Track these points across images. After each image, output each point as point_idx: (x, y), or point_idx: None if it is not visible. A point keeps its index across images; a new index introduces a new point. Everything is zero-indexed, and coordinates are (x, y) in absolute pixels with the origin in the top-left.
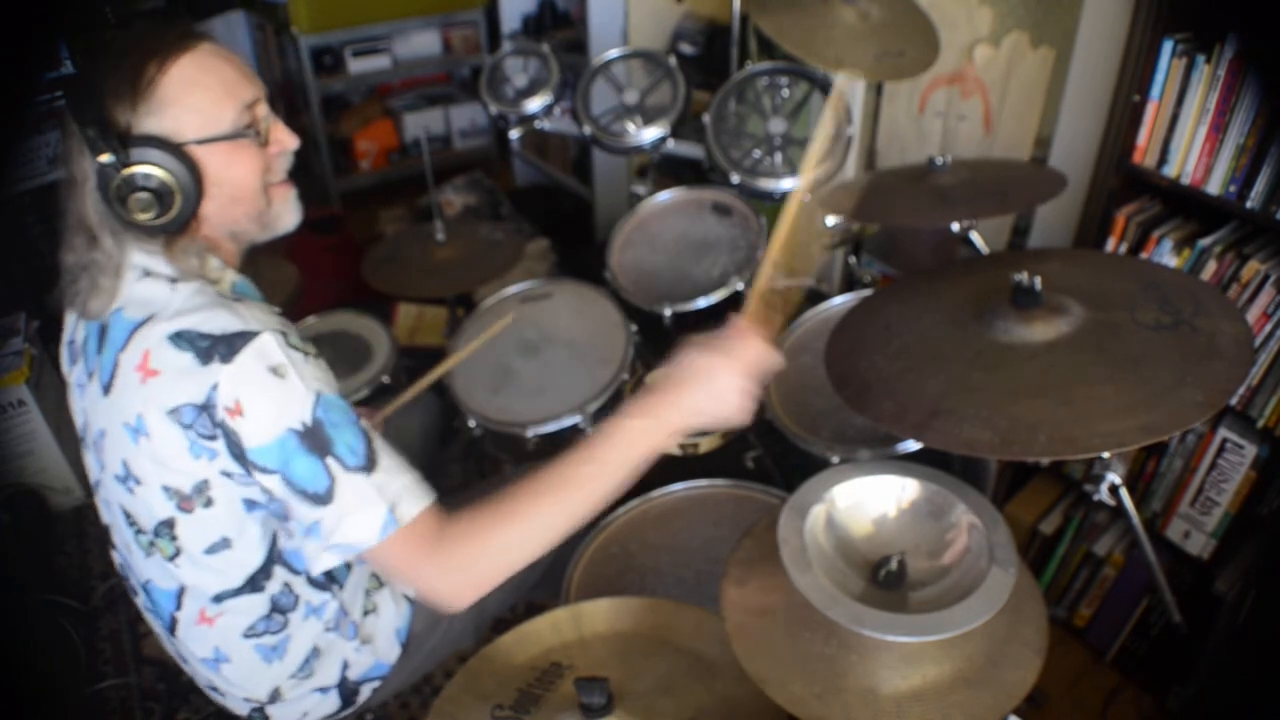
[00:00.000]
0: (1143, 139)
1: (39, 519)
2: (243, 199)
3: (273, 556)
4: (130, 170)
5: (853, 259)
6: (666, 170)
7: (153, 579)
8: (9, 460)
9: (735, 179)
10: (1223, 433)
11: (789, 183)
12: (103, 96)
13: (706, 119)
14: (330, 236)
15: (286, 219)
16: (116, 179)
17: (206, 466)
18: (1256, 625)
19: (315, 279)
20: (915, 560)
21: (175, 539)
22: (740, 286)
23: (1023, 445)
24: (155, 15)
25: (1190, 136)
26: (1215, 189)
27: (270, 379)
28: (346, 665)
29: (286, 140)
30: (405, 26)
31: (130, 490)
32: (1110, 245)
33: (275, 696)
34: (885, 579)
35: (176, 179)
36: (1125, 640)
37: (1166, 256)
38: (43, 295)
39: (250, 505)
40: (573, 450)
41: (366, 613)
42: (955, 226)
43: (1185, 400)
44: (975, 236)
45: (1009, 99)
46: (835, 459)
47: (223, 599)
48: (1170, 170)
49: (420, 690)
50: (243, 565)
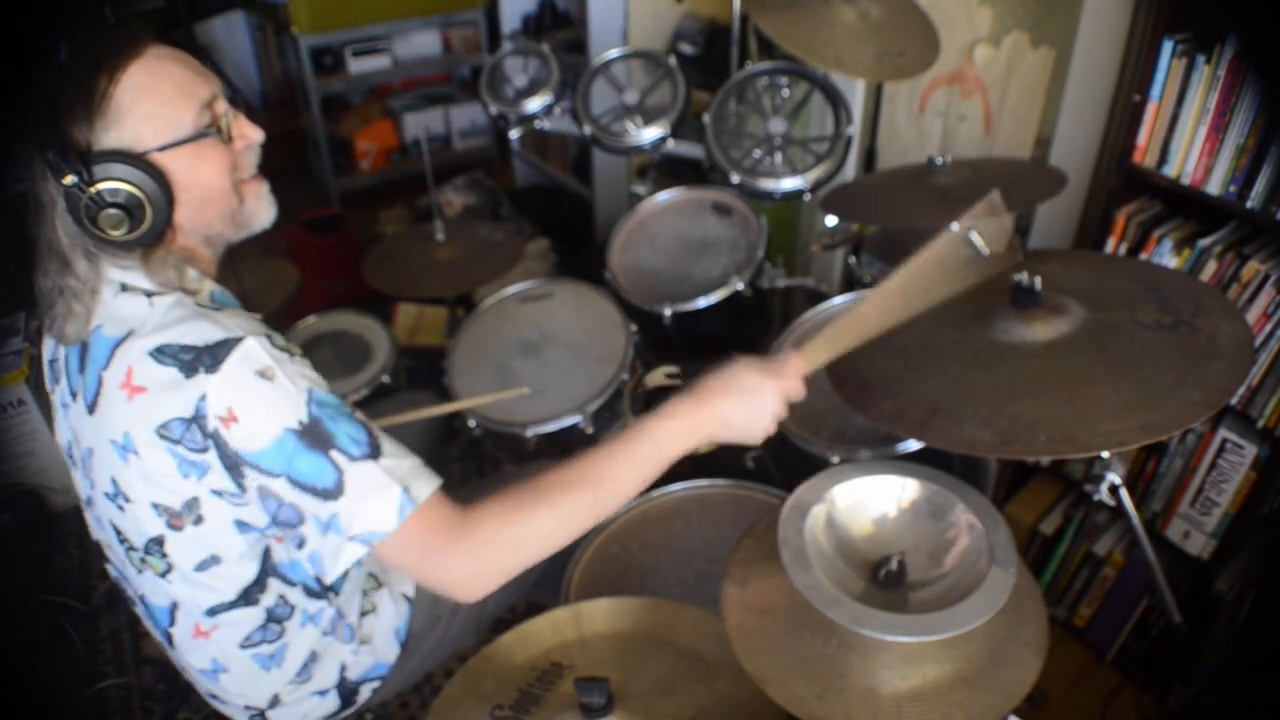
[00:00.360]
0: (1143, 139)
1: (39, 519)
2: (214, 200)
3: (266, 570)
4: (96, 188)
5: (853, 259)
6: (666, 170)
7: (146, 594)
8: (9, 460)
9: (735, 179)
10: (1223, 433)
11: (789, 182)
12: (58, 117)
13: (706, 119)
14: (330, 236)
15: (261, 215)
16: (83, 199)
17: (196, 485)
18: (1256, 625)
19: (315, 279)
20: (915, 560)
21: (166, 556)
22: (740, 286)
23: (1023, 445)
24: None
25: (1190, 136)
26: (1215, 189)
27: (260, 382)
28: (345, 667)
29: (250, 133)
30: (405, 26)
31: (120, 508)
32: (1110, 245)
33: (275, 702)
34: (885, 579)
35: (144, 190)
36: (1125, 640)
37: (1166, 256)
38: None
39: (242, 527)
40: (608, 444)
41: (364, 613)
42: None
43: (1185, 400)
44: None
45: (1009, 99)
46: (835, 459)
47: (216, 612)
48: (1170, 170)
49: (420, 690)
50: (235, 580)
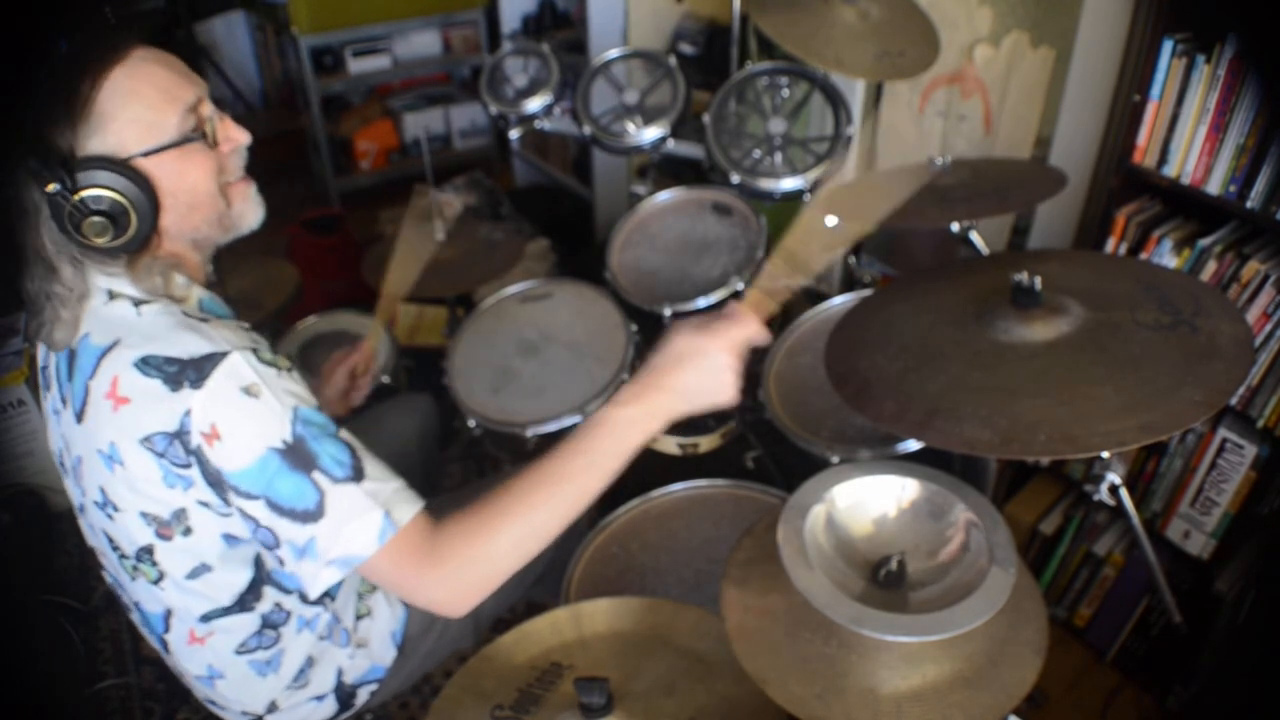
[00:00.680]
0: (1143, 139)
1: (39, 519)
2: (200, 205)
3: (261, 577)
4: (80, 196)
5: (853, 259)
6: (666, 170)
7: (141, 600)
8: (9, 460)
9: (735, 179)
10: (1223, 433)
11: (789, 182)
12: (41, 123)
13: (706, 119)
14: (330, 236)
15: (249, 217)
16: (67, 207)
17: (182, 496)
18: (1256, 625)
19: (315, 279)
20: (915, 560)
21: (157, 564)
22: (740, 286)
23: (1022, 444)
24: (155, 15)
25: (1190, 136)
26: (1215, 189)
27: (244, 399)
28: (341, 671)
29: (237, 136)
30: (405, 26)
31: (110, 516)
32: (1110, 245)
33: (272, 708)
34: (885, 579)
35: (129, 197)
36: (1125, 640)
37: (1166, 256)
38: None
39: (230, 540)
40: (563, 443)
41: (360, 617)
42: (955, 226)
43: (1185, 400)
44: (975, 236)
45: (1009, 99)
46: (835, 459)
47: (211, 619)
48: (1170, 170)
49: (420, 690)
50: (228, 587)
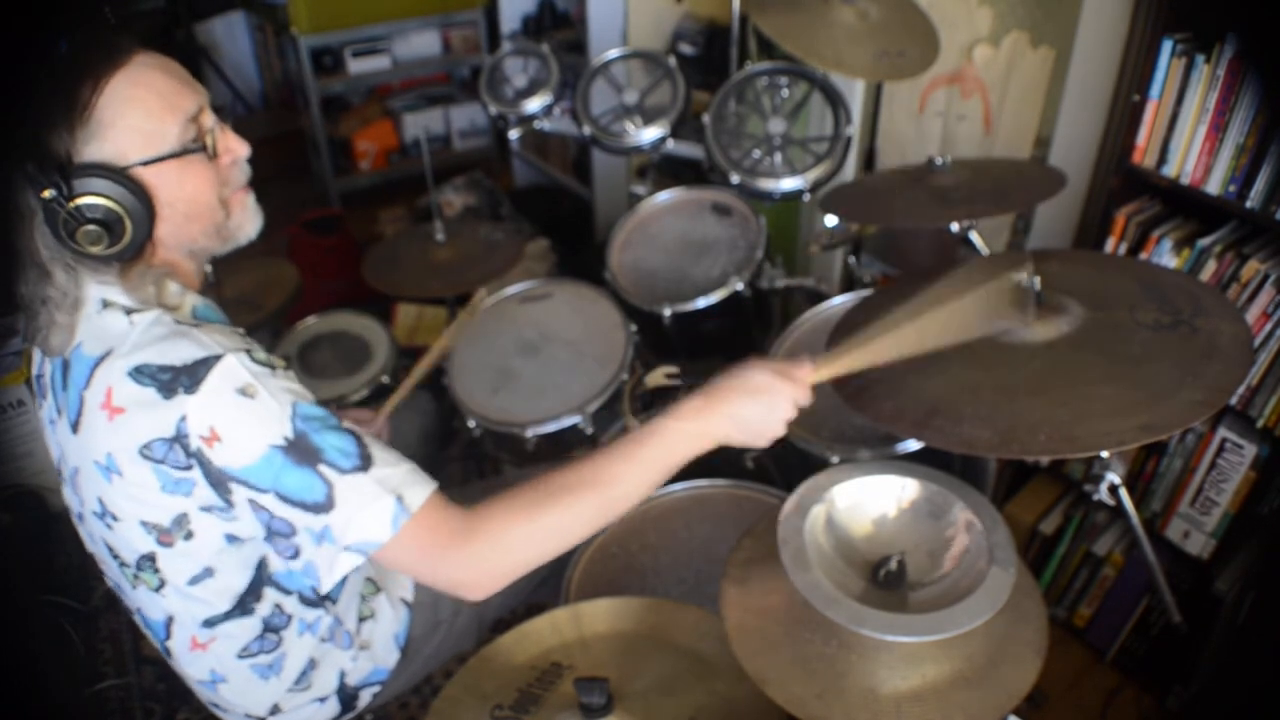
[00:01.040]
0: (1142, 139)
1: (39, 519)
2: (198, 216)
3: (261, 579)
4: (76, 203)
5: (853, 259)
6: (666, 170)
7: (142, 608)
8: (9, 460)
9: (735, 179)
10: (1222, 433)
11: (789, 182)
12: (39, 128)
13: (706, 119)
14: (330, 236)
15: (247, 228)
16: (62, 213)
17: (184, 501)
18: (1256, 625)
19: (315, 279)
20: (915, 560)
21: (158, 571)
22: (740, 286)
23: (1022, 444)
24: (155, 16)
25: (1190, 136)
26: (1215, 189)
27: (241, 400)
28: (344, 673)
29: (237, 148)
30: (405, 27)
31: (109, 526)
32: (1110, 245)
33: (275, 710)
34: (885, 579)
35: (125, 206)
36: (1125, 640)
37: (1166, 256)
38: None
39: (232, 540)
40: (617, 444)
41: (363, 619)
42: (955, 226)
43: (1185, 400)
44: (975, 236)
45: (1009, 99)
46: (835, 459)
47: (213, 624)
48: (1170, 170)
49: (420, 690)
50: (228, 591)
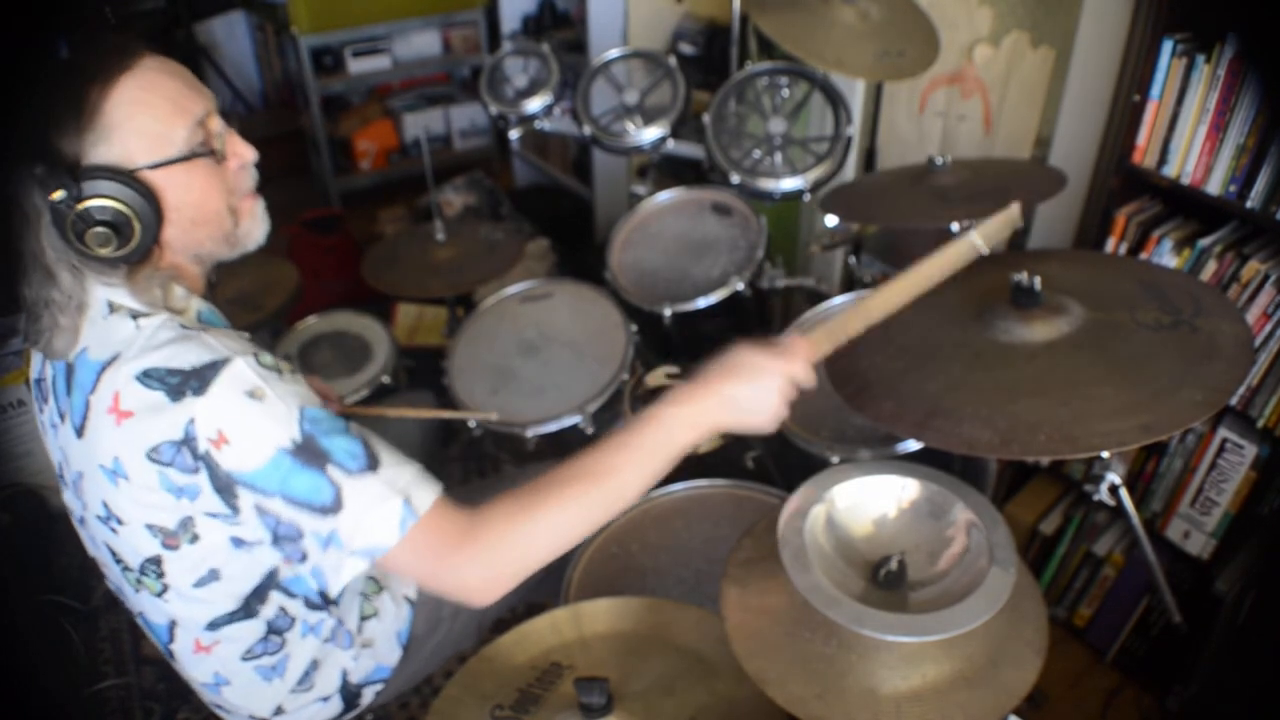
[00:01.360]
0: (1143, 139)
1: (39, 519)
2: (205, 221)
3: (268, 582)
4: (84, 205)
5: (853, 259)
6: (666, 170)
7: (144, 611)
8: (9, 460)
9: (735, 179)
10: (1223, 433)
11: (789, 182)
12: (47, 130)
13: (706, 119)
14: (330, 236)
15: (255, 234)
16: (70, 215)
17: (189, 506)
18: (1256, 625)
19: (315, 279)
20: (915, 560)
21: (162, 576)
22: (740, 286)
23: (1022, 444)
24: (155, 15)
25: (1190, 136)
26: (1215, 189)
27: (249, 403)
28: (346, 672)
29: (245, 153)
30: (405, 26)
31: (113, 530)
32: (1110, 245)
33: (278, 711)
34: (885, 579)
35: (133, 209)
36: (1125, 640)
37: (1166, 256)
38: None
39: (239, 543)
40: (614, 436)
41: (366, 617)
42: (955, 226)
43: (1185, 400)
44: (981, 242)
45: (1009, 99)
46: (835, 459)
47: (217, 626)
48: (1170, 170)
49: (420, 690)
50: (233, 594)
